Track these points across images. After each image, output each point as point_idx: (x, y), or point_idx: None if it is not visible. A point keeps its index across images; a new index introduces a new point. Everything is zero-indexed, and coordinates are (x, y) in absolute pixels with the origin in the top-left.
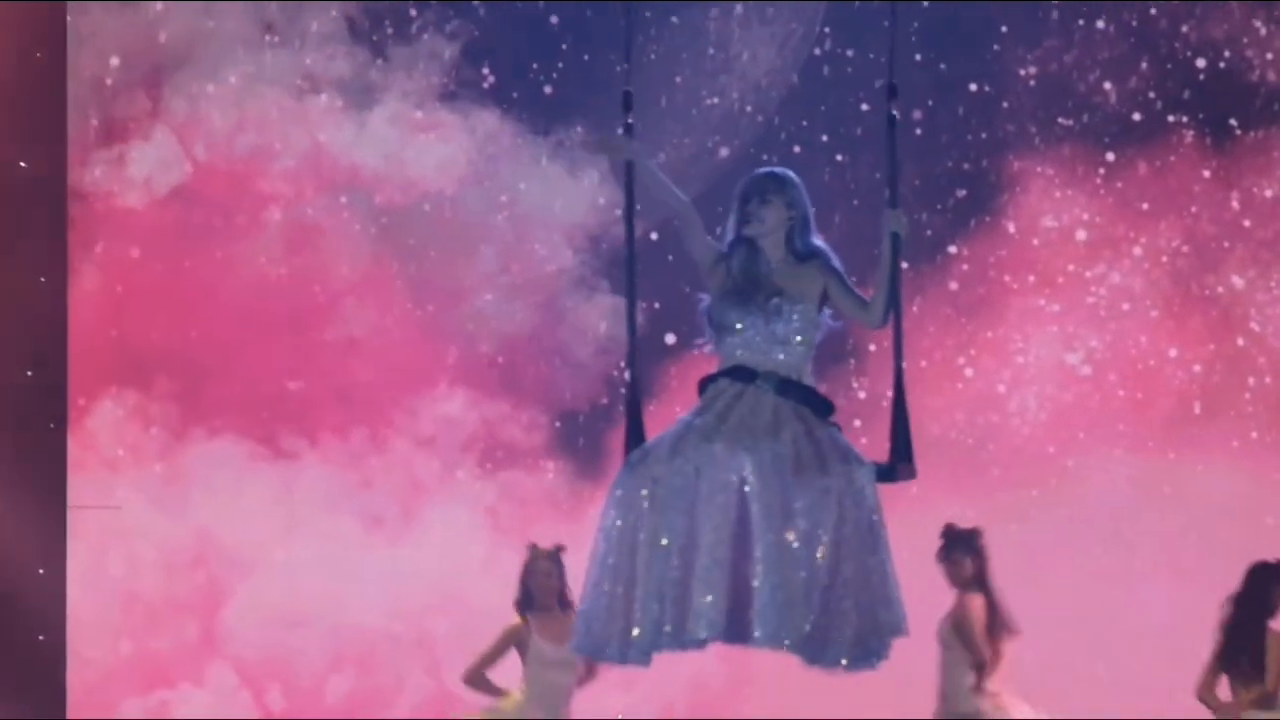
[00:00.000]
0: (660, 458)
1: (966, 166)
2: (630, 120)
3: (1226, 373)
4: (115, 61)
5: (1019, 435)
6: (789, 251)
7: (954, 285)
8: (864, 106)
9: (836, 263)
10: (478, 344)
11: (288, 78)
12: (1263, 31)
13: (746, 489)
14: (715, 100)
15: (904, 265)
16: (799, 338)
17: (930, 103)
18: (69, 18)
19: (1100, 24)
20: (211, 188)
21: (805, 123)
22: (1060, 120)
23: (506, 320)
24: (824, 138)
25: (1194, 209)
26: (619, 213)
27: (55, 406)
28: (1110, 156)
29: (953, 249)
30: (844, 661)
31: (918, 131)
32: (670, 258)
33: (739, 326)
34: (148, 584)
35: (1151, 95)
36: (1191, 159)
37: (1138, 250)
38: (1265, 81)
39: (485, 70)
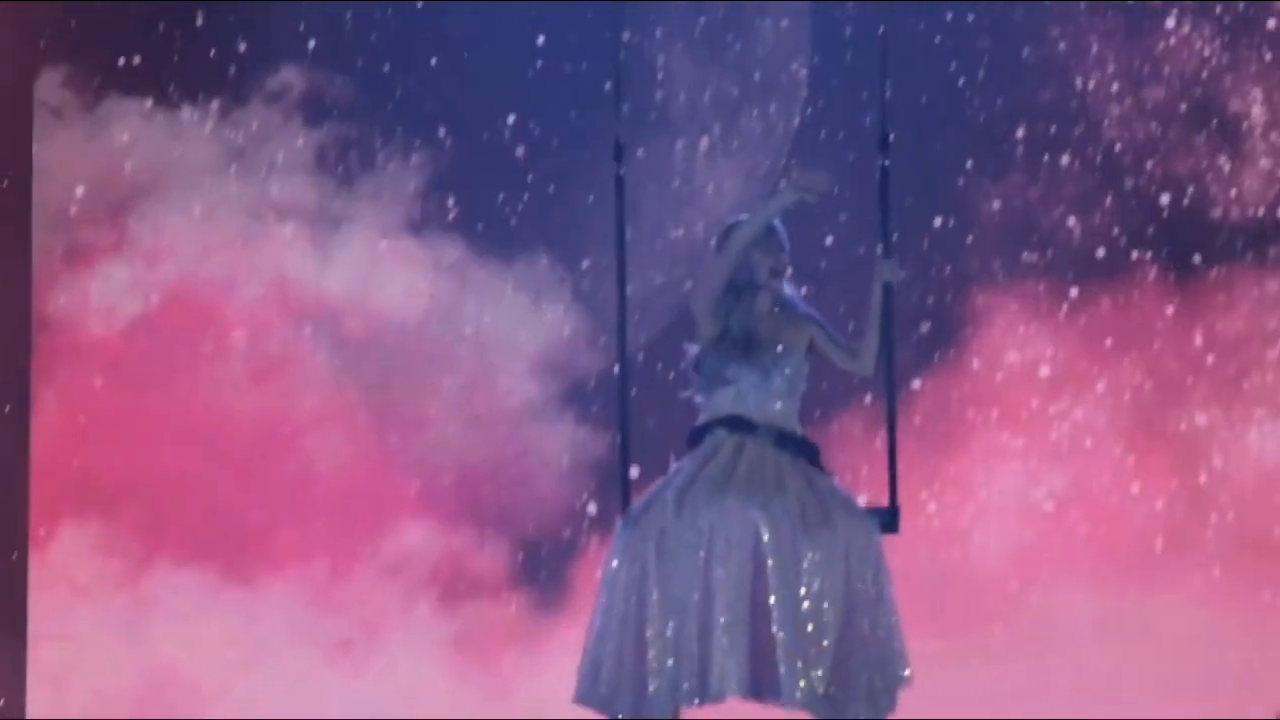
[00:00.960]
0: (665, 510)
1: (930, 301)
2: (622, 171)
3: (1189, 510)
4: (80, 191)
5: (981, 571)
6: (775, 302)
7: (917, 419)
8: (829, 240)
9: (816, 313)
10: (441, 476)
11: (253, 207)
12: (1227, 168)
13: (762, 545)
14: (681, 233)
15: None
16: (791, 389)
17: (895, 237)
18: (34, 146)
19: (1065, 160)
20: (176, 317)
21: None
22: (1024, 255)
23: (470, 452)
24: (789, 269)
25: (1157, 345)
26: (583, 345)
27: (16, 535)
28: (1074, 292)
29: (916, 383)
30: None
31: None
32: (634, 391)
33: (737, 379)
34: (110, 715)
35: (1115, 231)
36: (1155, 295)
37: (1101, 386)
38: (1229, 218)
39: (450, 201)
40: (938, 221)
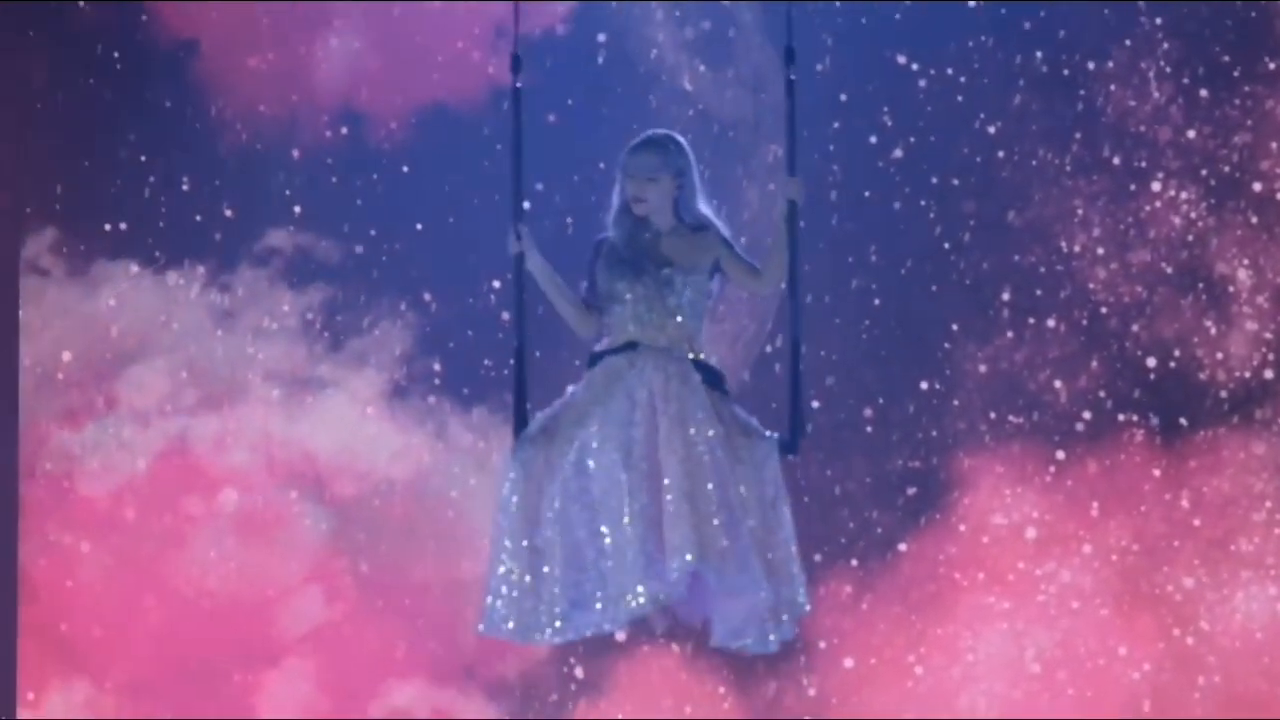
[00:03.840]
0: (561, 433)
1: (917, 464)
2: (519, 84)
3: (1176, 671)
4: (68, 355)
5: None
6: (679, 220)
7: (903, 582)
8: (815, 404)
9: (726, 231)
10: (427, 639)
11: (240, 371)
12: (1213, 331)
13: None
14: None
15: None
16: (690, 309)
17: (881, 400)
18: (21, 310)
19: (1051, 322)
20: (163, 480)
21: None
22: (1011, 418)
23: (456, 615)
24: (770, 433)
25: (1144, 508)
26: None
27: (5, 700)
28: (1060, 455)
29: (903, 546)
30: (748, 642)
31: (869, 429)
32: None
33: (629, 297)
34: None
35: (1102, 394)
36: (1142, 457)
37: (1087, 548)
38: (1215, 380)
39: (436, 365)
40: (924, 384)
